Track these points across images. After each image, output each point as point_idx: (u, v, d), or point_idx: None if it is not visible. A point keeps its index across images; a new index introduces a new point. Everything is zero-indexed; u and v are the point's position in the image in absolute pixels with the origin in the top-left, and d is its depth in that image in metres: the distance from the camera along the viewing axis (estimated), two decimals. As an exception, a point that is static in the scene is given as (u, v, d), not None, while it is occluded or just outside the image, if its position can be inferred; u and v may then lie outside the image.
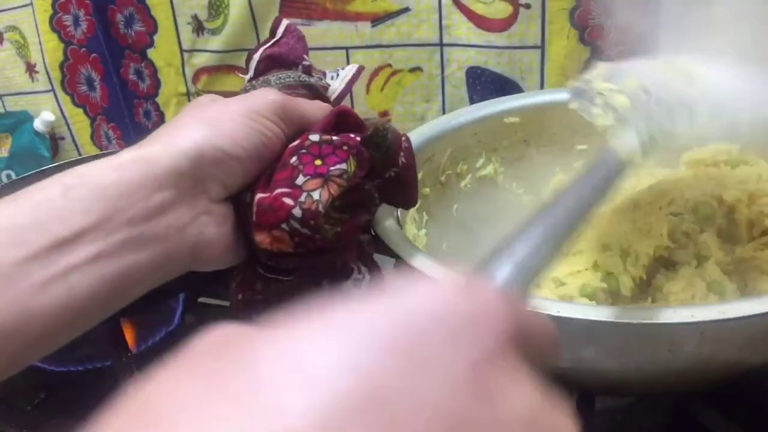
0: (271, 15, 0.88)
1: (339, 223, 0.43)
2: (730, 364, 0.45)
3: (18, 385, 0.73)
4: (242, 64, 0.94)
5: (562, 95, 0.72)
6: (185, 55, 0.96)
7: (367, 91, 0.88)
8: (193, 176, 0.40)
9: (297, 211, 0.40)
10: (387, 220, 0.53)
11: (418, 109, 0.86)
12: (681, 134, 0.41)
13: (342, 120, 0.44)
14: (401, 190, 0.49)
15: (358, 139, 0.43)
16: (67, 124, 1.00)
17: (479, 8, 0.79)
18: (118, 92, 1.03)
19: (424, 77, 0.85)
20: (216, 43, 0.93)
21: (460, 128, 0.69)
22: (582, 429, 0.21)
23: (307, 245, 0.41)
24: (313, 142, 0.42)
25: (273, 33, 0.53)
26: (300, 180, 0.41)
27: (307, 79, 0.50)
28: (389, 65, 0.86)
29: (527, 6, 0.77)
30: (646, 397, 0.58)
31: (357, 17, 0.85)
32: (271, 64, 0.51)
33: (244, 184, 0.43)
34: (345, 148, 0.42)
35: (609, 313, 0.41)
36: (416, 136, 0.66)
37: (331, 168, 0.41)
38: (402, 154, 0.47)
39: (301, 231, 0.41)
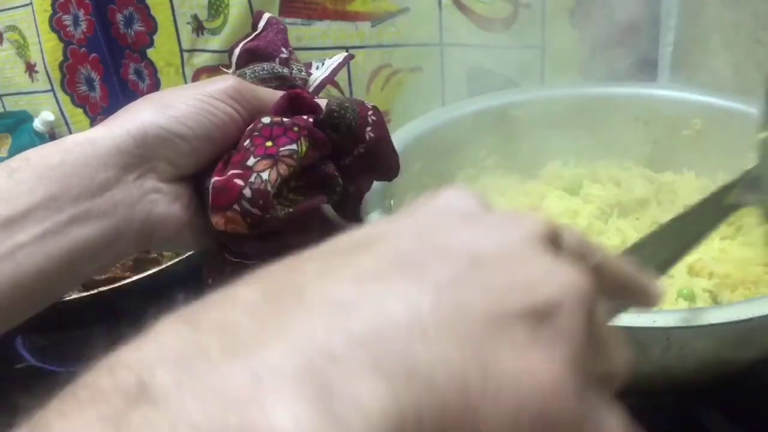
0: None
1: (293, 204, 0.43)
2: (703, 368, 0.45)
3: (18, 385, 0.73)
4: (242, 64, 0.94)
5: (567, 90, 0.72)
6: (185, 55, 0.96)
7: (367, 91, 0.88)
8: (139, 155, 0.41)
9: (247, 192, 0.41)
10: (375, 210, 0.53)
11: (418, 109, 0.86)
12: None
13: (295, 103, 0.45)
14: (376, 163, 0.49)
15: (311, 120, 0.44)
16: (67, 124, 1.00)
17: (479, 8, 0.79)
18: (118, 92, 1.03)
19: (424, 77, 0.85)
20: (216, 43, 0.93)
21: (464, 119, 0.69)
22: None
23: (260, 226, 0.42)
24: (265, 125, 0.43)
25: (255, 26, 0.53)
26: (251, 161, 0.42)
27: (281, 70, 0.51)
28: (389, 65, 0.86)
29: (527, 6, 0.77)
30: (645, 397, 0.58)
31: (357, 17, 0.85)
32: (250, 57, 0.52)
33: (197, 164, 0.44)
34: (295, 129, 0.43)
35: None
36: (418, 125, 0.67)
37: (281, 149, 0.42)
38: (369, 128, 0.47)
39: (251, 211, 0.41)
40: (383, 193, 0.58)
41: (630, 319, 0.41)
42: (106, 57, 1.00)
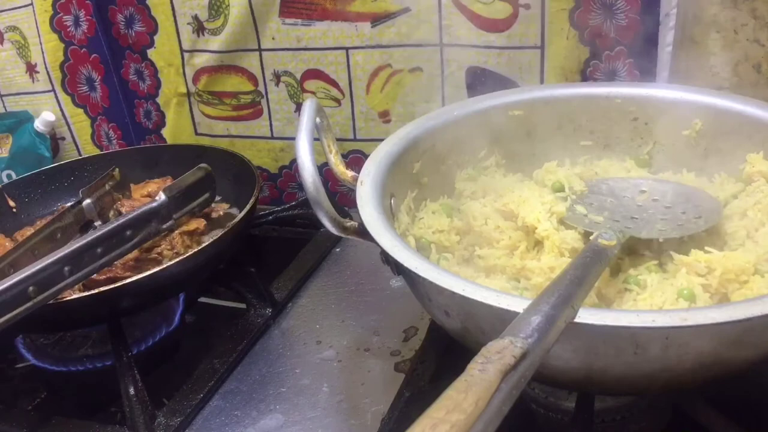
0: (271, 15, 0.88)
1: None
2: (702, 368, 0.45)
3: (18, 385, 0.73)
4: (242, 64, 0.94)
5: (567, 90, 0.72)
6: (185, 55, 0.96)
7: (367, 91, 0.88)
8: None
9: None
10: (376, 210, 0.53)
11: (418, 109, 0.86)
12: (641, 231, 0.58)
13: None
14: None
15: None
16: (68, 124, 1.00)
17: (479, 8, 0.79)
18: (119, 92, 1.03)
19: (424, 77, 0.85)
20: (216, 43, 0.93)
21: (464, 119, 0.69)
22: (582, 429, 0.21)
23: None
24: None
25: None
26: None
27: None
28: (389, 65, 0.86)
29: (527, 6, 0.77)
30: (645, 397, 0.58)
31: (357, 17, 0.85)
32: None
33: None
34: None
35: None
36: (418, 125, 0.66)
37: None
38: None
39: None
40: (383, 193, 0.58)
41: (630, 318, 0.41)
42: (107, 57, 1.01)
